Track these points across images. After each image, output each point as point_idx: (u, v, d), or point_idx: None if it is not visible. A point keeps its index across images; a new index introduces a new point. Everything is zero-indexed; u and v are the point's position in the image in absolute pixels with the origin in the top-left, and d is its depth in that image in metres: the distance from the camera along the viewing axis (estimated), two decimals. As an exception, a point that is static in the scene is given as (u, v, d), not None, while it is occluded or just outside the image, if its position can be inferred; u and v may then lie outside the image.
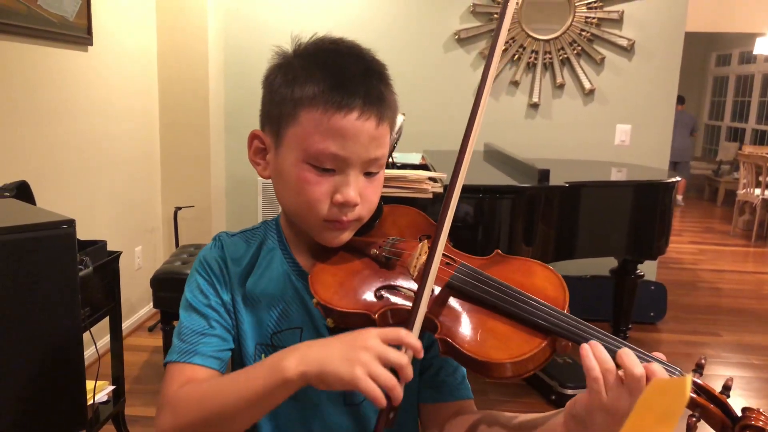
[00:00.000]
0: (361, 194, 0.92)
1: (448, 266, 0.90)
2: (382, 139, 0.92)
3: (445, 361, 0.99)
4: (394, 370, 0.74)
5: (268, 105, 0.97)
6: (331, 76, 0.89)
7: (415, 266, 0.91)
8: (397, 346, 0.76)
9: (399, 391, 0.73)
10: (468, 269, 0.89)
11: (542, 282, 0.87)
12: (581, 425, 0.78)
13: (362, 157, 0.90)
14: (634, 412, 0.54)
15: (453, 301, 0.87)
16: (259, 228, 1.06)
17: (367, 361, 0.73)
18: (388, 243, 0.98)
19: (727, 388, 0.77)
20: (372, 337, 0.75)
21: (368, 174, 0.93)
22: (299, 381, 0.76)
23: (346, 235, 0.97)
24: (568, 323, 0.80)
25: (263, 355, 0.97)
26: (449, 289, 0.88)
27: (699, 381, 0.77)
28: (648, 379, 0.73)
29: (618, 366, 0.75)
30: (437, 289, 0.88)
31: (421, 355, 0.77)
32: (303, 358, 0.76)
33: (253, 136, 0.99)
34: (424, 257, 0.91)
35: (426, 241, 0.95)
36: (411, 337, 0.77)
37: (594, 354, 0.76)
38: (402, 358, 0.74)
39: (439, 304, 0.86)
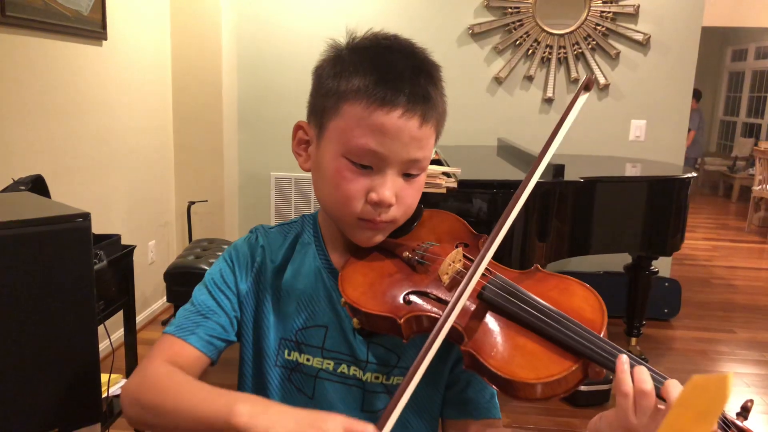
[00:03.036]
0: (398, 195, 0.90)
1: (482, 277, 0.86)
2: (424, 141, 0.89)
3: (474, 378, 0.95)
4: None
5: (314, 96, 0.94)
6: (377, 71, 0.87)
7: (447, 273, 0.88)
8: None
9: None
10: (502, 281, 0.85)
11: (580, 302, 0.82)
12: None
13: (401, 157, 0.88)
14: (672, 410, 0.53)
15: (482, 314, 0.83)
16: (297, 221, 1.05)
17: None
18: (422, 247, 0.95)
19: (745, 410, 0.72)
20: (335, 424, 0.72)
21: (408, 176, 0.91)
22: (238, 429, 0.74)
23: (380, 237, 0.95)
24: (604, 348, 0.75)
25: (287, 351, 0.96)
26: (480, 301, 0.84)
27: (741, 425, 0.71)
28: None
29: (661, 398, 0.70)
30: (467, 300, 0.84)
31: None
32: (256, 414, 0.74)
33: (297, 127, 0.98)
34: (457, 265, 0.89)
35: (461, 248, 0.93)
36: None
37: (633, 373, 0.71)
38: None
39: (467, 315, 0.83)
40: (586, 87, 0.91)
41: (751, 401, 0.72)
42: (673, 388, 0.69)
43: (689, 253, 6.02)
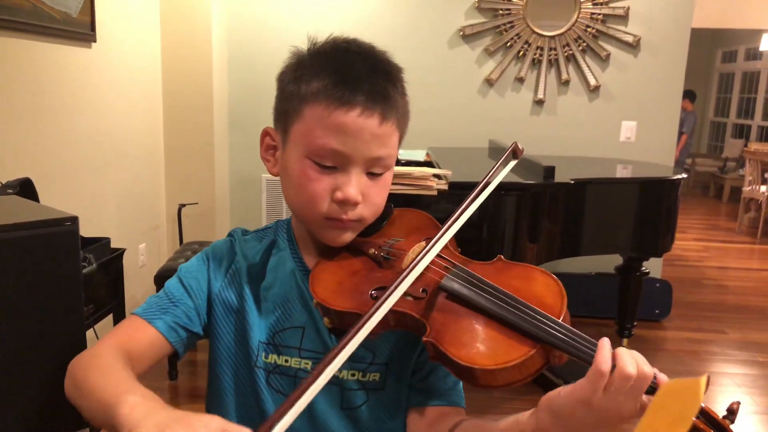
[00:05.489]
0: (364, 194, 0.92)
1: (445, 269, 0.88)
2: (385, 139, 0.91)
3: (437, 366, 0.96)
4: None
5: (278, 102, 0.97)
6: (335, 72, 0.89)
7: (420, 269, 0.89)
8: None
9: None
10: (462, 271, 0.87)
11: (541, 289, 0.83)
12: (555, 417, 0.74)
13: (364, 155, 0.89)
14: (647, 413, 0.53)
15: (444, 304, 0.84)
16: (271, 227, 1.07)
17: None
18: (387, 243, 0.97)
19: (731, 413, 0.70)
20: (208, 428, 0.64)
21: (372, 174, 0.93)
22: (118, 420, 0.70)
23: (348, 236, 0.96)
24: (560, 332, 0.75)
25: (264, 353, 0.97)
26: (441, 291, 0.85)
27: (702, 405, 0.70)
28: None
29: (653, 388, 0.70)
30: (429, 291, 0.86)
31: None
32: (136, 412, 0.69)
33: (264, 133, 1.00)
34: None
35: (425, 242, 0.94)
36: None
37: (617, 355, 0.70)
38: None
39: (429, 306, 0.84)
40: (514, 154, 0.95)
41: (738, 403, 0.72)
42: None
43: (680, 254, 6.05)
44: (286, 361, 0.96)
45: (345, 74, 0.88)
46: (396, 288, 0.79)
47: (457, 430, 0.90)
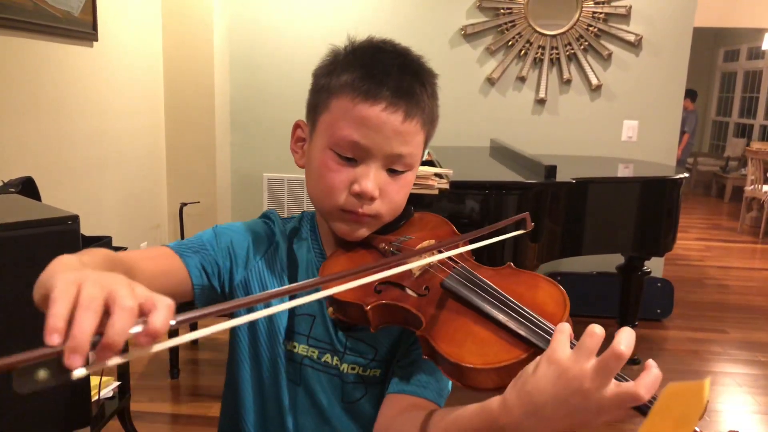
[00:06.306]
0: (382, 190, 0.92)
1: (448, 267, 0.88)
2: (408, 136, 0.91)
3: (425, 360, 0.93)
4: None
5: (310, 96, 0.98)
6: (365, 66, 0.90)
7: (418, 264, 0.89)
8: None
9: (82, 338, 0.47)
10: (464, 271, 0.87)
11: (543, 296, 0.82)
12: (521, 392, 0.67)
13: (385, 151, 0.90)
14: (650, 416, 0.53)
15: (444, 303, 0.84)
16: (296, 217, 1.09)
17: (91, 282, 0.51)
18: (399, 240, 0.98)
19: None
20: (122, 281, 0.53)
21: (393, 171, 0.93)
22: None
23: (363, 231, 0.97)
24: None
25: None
26: (443, 290, 0.86)
27: (696, 430, 0.64)
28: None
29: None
30: (431, 289, 0.86)
31: (146, 340, 0.51)
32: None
33: (296, 126, 1.02)
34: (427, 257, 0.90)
35: (433, 240, 0.94)
36: (163, 310, 0.52)
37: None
38: (130, 306, 0.50)
39: (429, 303, 0.85)
40: (525, 226, 1.00)
41: None
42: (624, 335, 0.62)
43: (682, 254, 6.04)
44: (294, 347, 0.98)
45: (373, 69, 0.90)
46: (380, 269, 0.77)
47: (428, 421, 0.85)
